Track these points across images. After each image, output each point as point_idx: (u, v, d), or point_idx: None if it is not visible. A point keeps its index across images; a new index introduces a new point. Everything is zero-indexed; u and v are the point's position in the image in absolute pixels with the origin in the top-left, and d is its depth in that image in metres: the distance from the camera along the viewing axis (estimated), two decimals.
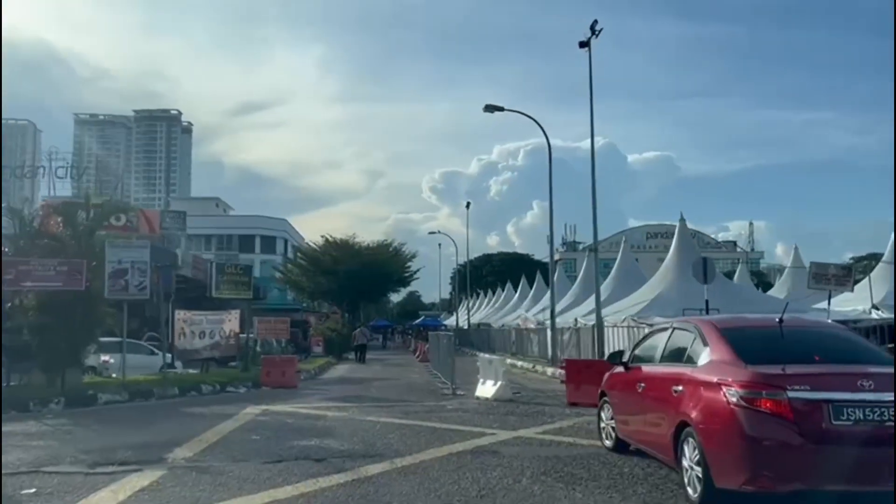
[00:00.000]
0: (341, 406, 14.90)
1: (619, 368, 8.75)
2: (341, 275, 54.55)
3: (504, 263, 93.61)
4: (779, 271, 57.81)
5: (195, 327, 20.34)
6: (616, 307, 28.23)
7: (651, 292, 26.78)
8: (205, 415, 13.75)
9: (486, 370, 16.23)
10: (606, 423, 9.02)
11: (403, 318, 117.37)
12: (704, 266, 18.56)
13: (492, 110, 26.37)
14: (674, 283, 26.46)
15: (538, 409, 13.89)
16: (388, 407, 14.59)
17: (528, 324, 38.96)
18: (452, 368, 17.75)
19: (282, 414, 13.61)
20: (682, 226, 27.90)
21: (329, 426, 11.79)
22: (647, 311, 24.84)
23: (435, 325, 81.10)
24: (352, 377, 25.01)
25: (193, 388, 18.77)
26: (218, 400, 16.94)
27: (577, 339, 29.44)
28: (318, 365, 29.11)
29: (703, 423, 5.99)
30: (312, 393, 18.55)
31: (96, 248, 17.96)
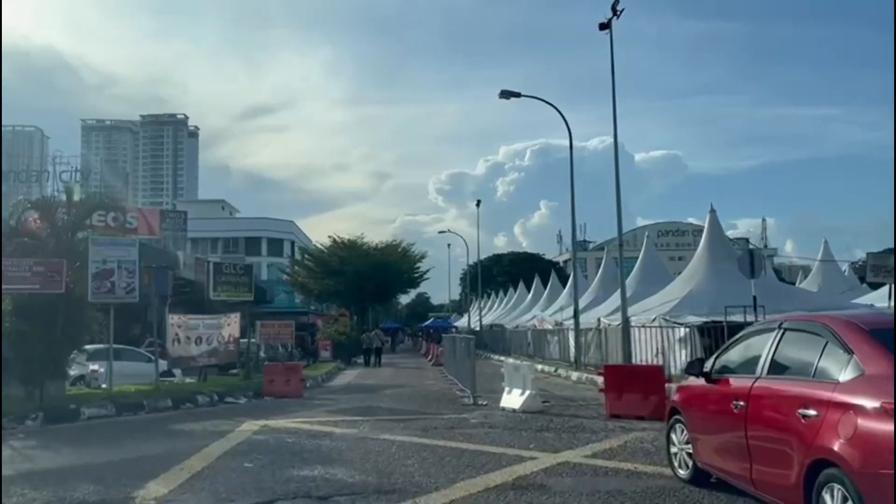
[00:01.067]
0: (350, 420, 13.16)
1: (696, 380, 6.98)
2: (349, 276, 52.79)
3: (514, 263, 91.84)
4: (800, 268, 55.97)
5: (191, 332, 18.64)
6: (642, 305, 26.41)
7: (681, 289, 24.96)
8: (195, 432, 12.05)
9: (512, 378, 14.47)
10: (680, 447, 7.25)
11: (412, 319, 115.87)
12: (752, 259, 16.77)
13: (507, 96, 24.66)
14: (705, 279, 24.62)
15: (576, 423, 12.12)
16: (403, 421, 12.85)
17: (545, 324, 37.15)
18: (473, 375, 15.99)
19: (283, 431, 11.90)
20: (713, 218, 26.03)
21: (336, 448, 10.06)
22: (678, 309, 23.03)
23: (445, 326, 79.41)
24: (362, 384, 23.29)
25: (189, 400, 17.09)
26: (214, 413, 15.24)
27: (599, 339, 27.63)
28: (325, 371, 27.42)
29: (861, 467, 4.23)
30: (319, 403, 16.84)
31: (80, 248, 16.33)
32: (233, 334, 20.26)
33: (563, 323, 34.59)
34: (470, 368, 16.35)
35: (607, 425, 11.84)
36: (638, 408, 12.39)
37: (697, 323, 21.19)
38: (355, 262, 53.20)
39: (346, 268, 53.04)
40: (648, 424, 11.74)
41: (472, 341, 16.42)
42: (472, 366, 16.16)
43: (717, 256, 25.34)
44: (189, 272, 33.71)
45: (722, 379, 6.46)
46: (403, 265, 57.84)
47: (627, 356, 24.81)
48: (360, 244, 56.41)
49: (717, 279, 24.25)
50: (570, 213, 25.95)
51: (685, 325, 21.37)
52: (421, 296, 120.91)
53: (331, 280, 54.81)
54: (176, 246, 37.54)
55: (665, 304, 24.62)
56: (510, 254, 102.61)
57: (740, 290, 23.52)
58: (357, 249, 55.52)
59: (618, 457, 8.86)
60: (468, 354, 18.70)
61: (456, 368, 22.39)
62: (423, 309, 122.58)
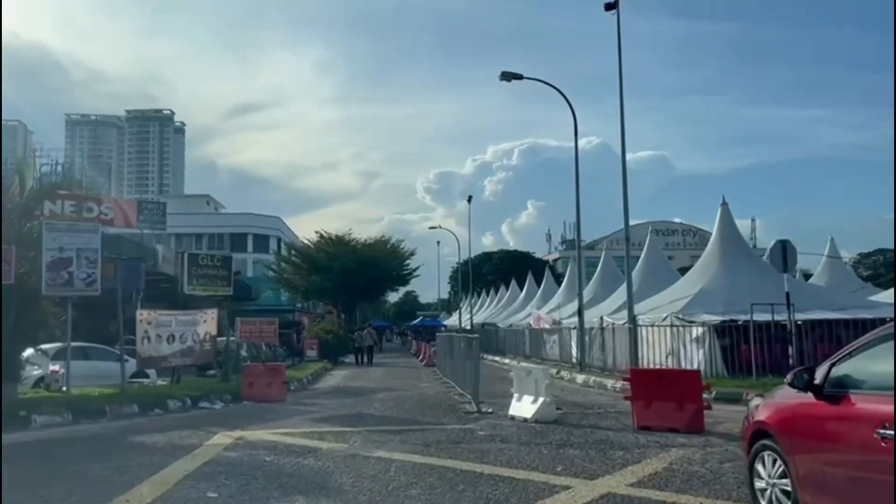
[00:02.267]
0: (339, 432, 11.43)
1: (797, 395, 5.31)
2: (337, 273, 50.92)
3: (504, 262, 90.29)
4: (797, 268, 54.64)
5: (162, 330, 16.82)
6: (649, 303, 24.82)
7: (691, 286, 23.39)
8: (157, 447, 10.29)
9: (522, 383, 12.79)
10: (771, 482, 5.54)
11: (400, 318, 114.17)
12: (784, 251, 15.16)
13: (509, 78, 22.98)
14: (718, 276, 23.08)
15: (601, 437, 10.46)
16: (400, 433, 11.14)
17: (542, 323, 35.51)
18: (477, 379, 14.27)
19: (260, 446, 10.16)
20: (725, 212, 24.45)
21: (322, 470, 8.33)
22: (691, 307, 21.46)
23: (434, 325, 77.82)
24: (350, 387, 21.53)
25: (158, 405, 15.32)
26: (184, 421, 13.47)
27: (602, 339, 26.00)
28: (311, 371, 25.64)
29: None
30: (304, 410, 15.09)
31: (34, 234, 14.51)
32: (210, 332, 18.45)
33: (562, 322, 33.01)
34: (473, 372, 14.64)
35: (638, 439, 10.18)
36: (671, 419, 10.75)
37: (714, 322, 19.62)
38: (343, 259, 51.36)
39: (334, 264, 51.19)
40: (685, 439, 10.10)
41: (475, 341, 14.68)
42: (475, 369, 14.45)
43: (730, 252, 23.81)
44: (169, 266, 31.80)
45: (843, 396, 4.79)
46: (392, 262, 56.05)
47: (635, 357, 23.26)
48: (348, 240, 54.57)
49: (731, 275, 22.72)
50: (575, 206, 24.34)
51: (701, 324, 19.79)
52: (409, 294, 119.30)
53: (317, 276, 52.93)
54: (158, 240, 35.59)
55: (674, 301, 23.05)
56: (500, 252, 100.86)
57: (757, 287, 21.96)
58: (345, 245, 53.67)
59: (670, 486, 7.18)
60: (468, 356, 17.02)
61: (452, 370, 20.71)
62: (410, 307, 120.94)
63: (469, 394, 15.92)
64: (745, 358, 18.82)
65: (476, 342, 14.60)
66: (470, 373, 16.05)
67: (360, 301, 63.02)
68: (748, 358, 18.66)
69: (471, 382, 15.33)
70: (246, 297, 52.48)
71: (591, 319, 28.23)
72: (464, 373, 17.58)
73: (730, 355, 19.21)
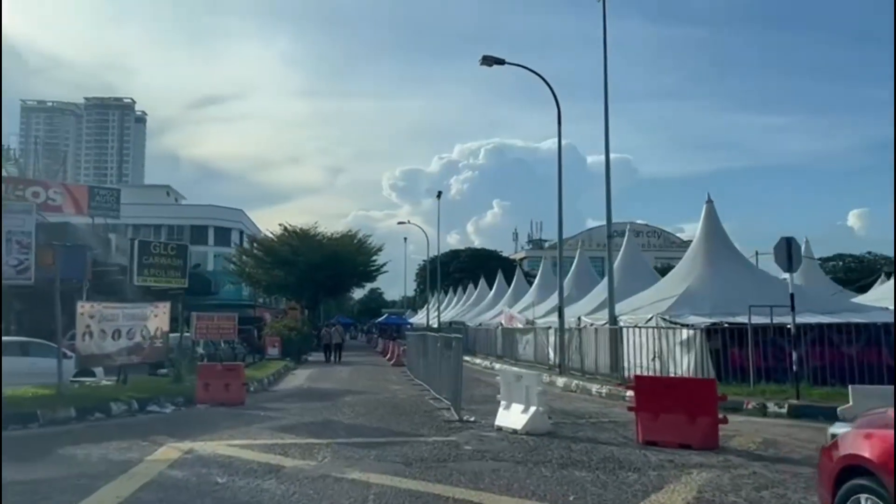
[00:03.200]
0: (305, 444, 9.98)
1: None
2: (301, 267, 49.16)
3: (472, 260, 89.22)
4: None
5: (107, 324, 15.12)
6: (628, 304, 23.77)
7: (677, 286, 22.34)
8: (90, 461, 8.76)
9: (511, 390, 11.46)
10: None
11: (364, 315, 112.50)
12: (789, 248, 14.06)
13: (490, 63, 21.67)
14: (703, 276, 22.08)
15: (605, 454, 9.18)
16: (376, 447, 9.73)
17: (515, 322, 34.34)
18: (458, 386, 12.89)
19: (212, 462, 8.68)
20: (710, 209, 23.43)
21: (285, 497, 6.90)
22: (677, 308, 20.40)
23: (399, 323, 76.55)
24: (316, 388, 20.02)
25: (100, 408, 13.69)
26: (127, 428, 11.90)
27: (580, 340, 24.86)
28: (272, 371, 24.05)
29: None
30: (264, 415, 13.59)
31: None
32: (161, 328, 16.78)
33: (536, 321, 31.86)
34: (453, 376, 13.27)
35: (648, 458, 8.92)
36: (682, 433, 9.53)
37: (704, 324, 18.55)
38: (307, 253, 49.63)
39: (298, 258, 49.43)
40: (701, 457, 8.88)
41: (456, 342, 13.30)
42: (456, 373, 13.06)
43: (716, 251, 22.82)
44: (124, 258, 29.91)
45: None
46: (359, 257, 54.41)
47: (616, 359, 22.16)
48: (313, 234, 52.79)
49: (718, 275, 21.73)
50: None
51: (690, 326, 18.71)
52: (374, 291, 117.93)
53: (280, 271, 51.11)
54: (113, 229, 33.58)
55: (657, 302, 22.00)
56: (467, 250, 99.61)
57: (745, 288, 20.97)
58: (310, 239, 51.92)
59: None
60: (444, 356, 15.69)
61: (426, 372, 19.36)
62: (376, 305, 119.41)
63: (447, 399, 14.60)
64: (736, 362, 17.81)
65: (459, 343, 13.22)
66: (448, 376, 14.73)
67: (325, 297, 61.30)
68: (740, 362, 17.65)
69: (449, 387, 13.99)
70: (205, 292, 50.39)
71: (569, 320, 27.06)
72: (439, 375, 16.25)
73: (721, 360, 18.15)
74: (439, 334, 17.97)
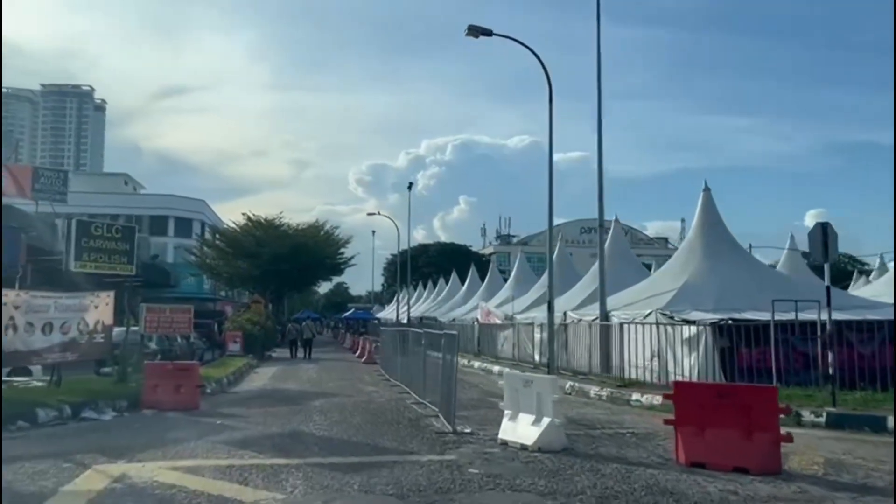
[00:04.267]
0: (269, 466, 8.00)
1: None
2: (265, 259, 46.77)
3: (441, 255, 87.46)
4: None
5: (36, 316, 12.87)
6: (617, 299, 22.05)
7: (673, 280, 20.70)
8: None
9: (518, 397, 9.58)
10: None
11: (329, 310, 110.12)
12: (825, 235, 12.39)
13: (476, 34, 19.77)
14: (702, 269, 20.48)
15: (647, 481, 7.37)
16: (359, 469, 7.79)
17: (493, 318, 32.53)
18: (453, 393, 10.95)
19: (147, 495, 6.69)
20: (707, 198, 21.84)
21: None
22: (677, 303, 18.77)
23: (366, 317, 74.48)
24: (281, 390, 17.94)
25: (23, 415, 11.52)
26: (51, 441, 9.79)
27: (566, 337, 23.17)
28: (233, 369, 21.90)
29: None
30: (221, 425, 11.53)
31: None
32: (103, 320, 14.58)
33: (515, 317, 30.12)
34: (447, 381, 11.34)
35: (703, 487, 7.12)
36: (737, 454, 7.75)
37: (710, 320, 16.93)
38: (272, 244, 47.28)
39: (262, 249, 47.05)
40: (770, 486, 7.12)
41: (451, 341, 11.38)
42: (451, 377, 11.11)
43: (715, 242, 21.23)
44: None
45: None
46: (326, 249, 52.13)
47: (605, 358, 20.48)
48: (278, 224, 50.36)
49: (718, 268, 20.14)
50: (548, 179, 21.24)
51: (697, 322, 17.06)
52: (340, 286, 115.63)
53: (244, 263, 48.67)
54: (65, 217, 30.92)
55: (652, 297, 20.34)
56: (436, 244, 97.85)
57: (747, 282, 19.51)
58: (275, 230, 49.51)
59: None
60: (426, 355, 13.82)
61: (405, 372, 17.46)
62: (341, 299, 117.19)
63: (432, 404, 12.75)
64: (744, 362, 16.25)
65: (453, 341, 11.29)
66: (434, 379, 12.86)
67: (290, 290, 58.93)
68: (750, 363, 16.09)
69: (438, 391, 12.11)
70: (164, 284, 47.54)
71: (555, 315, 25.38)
72: (423, 377, 14.37)
73: (727, 360, 16.55)
74: (424, 331, 16.05)
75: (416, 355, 15.73)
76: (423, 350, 14.78)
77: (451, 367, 10.98)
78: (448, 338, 11.54)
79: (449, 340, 11.38)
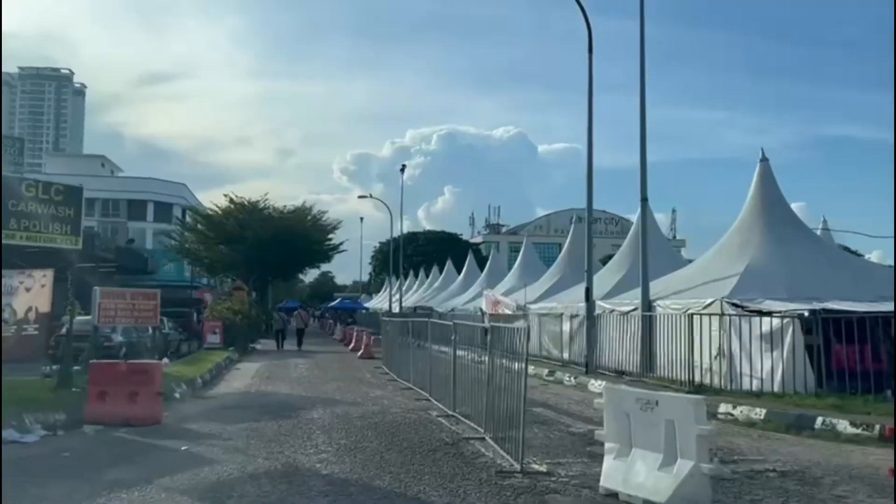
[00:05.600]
0: None
1: None
2: (248, 243, 43.23)
3: (431, 243, 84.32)
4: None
5: None
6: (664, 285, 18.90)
7: (731, 264, 17.50)
8: None
9: (630, 426, 6.32)
10: None
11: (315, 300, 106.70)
12: None
13: None
14: (768, 250, 17.29)
15: None
16: None
17: (502, 307, 29.27)
18: (521, 420, 7.60)
19: None
20: (765, 169, 18.68)
21: None
22: (743, 290, 15.64)
23: (354, 307, 71.40)
24: (268, 394, 14.63)
25: None
26: None
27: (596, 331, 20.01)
28: (210, 366, 18.60)
29: None
30: (186, 454, 8.26)
31: None
32: (37, 307, 11.25)
33: (529, 307, 26.96)
34: (509, 397, 8.10)
35: None
36: None
37: (794, 310, 13.82)
38: (256, 228, 43.72)
39: (246, 233, 43.49)
40: None
41: (520, 336, 8.16)
42: (520, 395, 7.82)
43: (776, 221, 18.12)
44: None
45: None
46: (314, 234, 48.62)
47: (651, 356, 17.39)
48: (263, 207, 46.76)
49: (785, 250, 16.99)
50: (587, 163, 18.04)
51: (777, 313, 13.93)
52: (325, 275, 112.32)
53: (226, 247, 45.13)
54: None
55: (709, 283, 17.21)
56: (426, 232, 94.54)
57: (820, 266, 16.53)
58: (259, 213, 45.95)
59: None
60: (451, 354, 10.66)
61: (420, 373, 14.30)
62: (327, 289, 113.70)
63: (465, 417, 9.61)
64: (840, 363, 13.22)
65: (524, 338, 8.02)
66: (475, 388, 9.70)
67: (275, 278, 55.35)
68: (850, 364, 13.07)
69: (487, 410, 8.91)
70: (141, 271, 44.08)
71: (576, 305, 22.33)
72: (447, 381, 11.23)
73: (817, 360, 13.47)
74: (455, 322, 12.90)
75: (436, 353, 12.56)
76: (452, 347, 11.60)
77: (519, 380, 7.70)
78: (513, 333, 8.32)
79: (511, 336, 8.17)
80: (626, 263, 23.79)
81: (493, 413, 8.58)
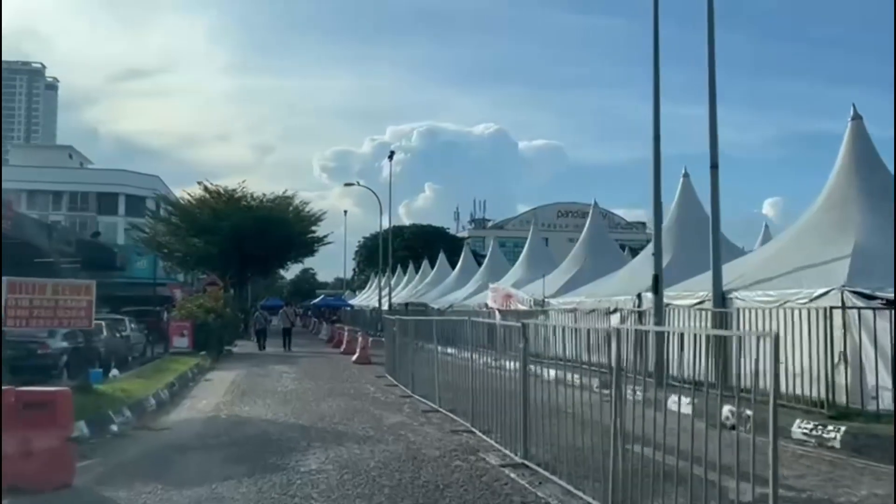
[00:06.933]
0: None
1: None
2: (225, 234, 39.12)
3: (417, 237, 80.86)
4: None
5: None
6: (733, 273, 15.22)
7: (830, 245, 13.83)
8: None
9: None
10: None
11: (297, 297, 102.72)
12: None
13: None
14: (875, 225, 13.65)
15: None
16: None
17: (514, 303, 25.55)
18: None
19: None
20: (858, 127, 15.06)
21: None
22: (858, 277, 12.03)
23: (338, 305, 67.94)
24: (243, 422, 10.75)
25: None
26: None
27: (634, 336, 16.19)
28: (171, 379, 14.66)
29: None
30: None
31: None
32: None
33: (549, 302, 23.29)
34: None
35: None
36: None
37: None
38: (233, 217, 39.65)
39: (222, 223, 39.38)
40: None
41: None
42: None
43: (877, 191, 14.54)
44: None
45: None
46: (297, 226, 44.57)
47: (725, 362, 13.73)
48: (241, 196, 42.65)
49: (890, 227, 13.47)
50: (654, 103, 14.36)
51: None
52: (307, 271, 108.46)
53: (199, 239, 40.97)
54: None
55: (789, 273, 13.60)
56: (412, 226, 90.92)
57: None
58: (236, 202, 41.87)
59: None
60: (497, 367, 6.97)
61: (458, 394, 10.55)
62: (308, 286, 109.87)
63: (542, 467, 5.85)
64: None
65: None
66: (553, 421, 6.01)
67: (255, 274, 51.24)
68: None
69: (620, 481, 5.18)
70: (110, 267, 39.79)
71: (614, 299, 18.76)
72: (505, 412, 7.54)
73: None
74: (501, 323, 9.18)
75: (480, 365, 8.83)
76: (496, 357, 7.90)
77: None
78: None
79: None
80: (669, 250, 20.10)
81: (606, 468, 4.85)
